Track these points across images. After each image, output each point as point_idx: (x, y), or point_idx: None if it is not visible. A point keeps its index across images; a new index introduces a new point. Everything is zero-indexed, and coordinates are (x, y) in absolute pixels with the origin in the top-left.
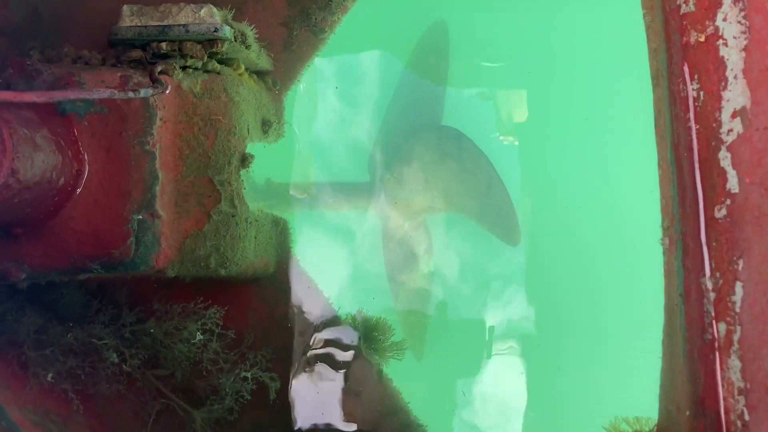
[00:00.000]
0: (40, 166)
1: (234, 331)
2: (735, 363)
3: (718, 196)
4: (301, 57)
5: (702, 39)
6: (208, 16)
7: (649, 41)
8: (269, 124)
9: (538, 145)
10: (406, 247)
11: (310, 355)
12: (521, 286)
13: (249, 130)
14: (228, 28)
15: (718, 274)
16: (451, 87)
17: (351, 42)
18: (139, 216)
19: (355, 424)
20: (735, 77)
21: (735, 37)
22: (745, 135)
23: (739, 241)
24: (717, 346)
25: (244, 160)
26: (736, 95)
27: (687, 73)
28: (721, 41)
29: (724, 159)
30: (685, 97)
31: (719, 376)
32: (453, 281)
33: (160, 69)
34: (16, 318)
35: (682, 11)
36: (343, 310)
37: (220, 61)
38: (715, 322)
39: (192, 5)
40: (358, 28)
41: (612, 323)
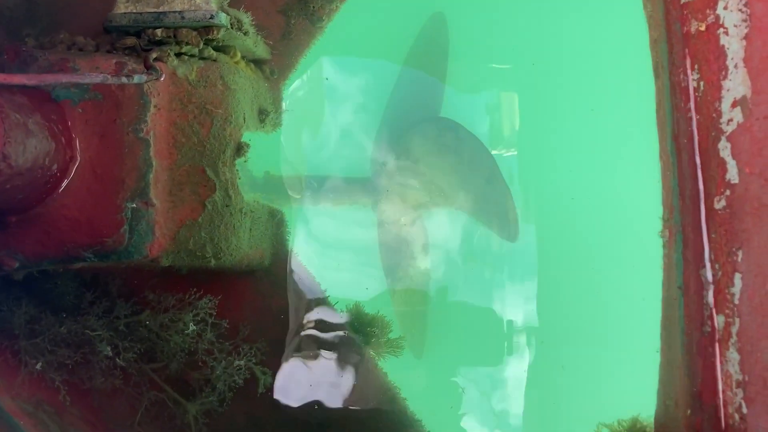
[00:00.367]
0: (33, 152)
1: (229, 322)
2: (733, 355)
3: (717, 186)
4: (299, 46)
5: (702, 28)
6: (204, 3)
7: (649, 32)
8: (266, 114)
9: (538, 138)
10: (402, 243)
11: (304, 346)
12: (521, 281)
13: (245, 118)
14: (224, 14)
15: (717, 265)
16: (450, 81)
17: (349, 32)
18: (133, 204)
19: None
20: (735, 66)
21: (736, 26)
22: (745, 125)
23: (738, 233)
24: (716, 338)
25: (240, 149)
26: (736, 84)
27: (688, 63)
28: (721, 30)
29: (724, 149)
30: (686, 87)
31: (718, 368)
32: (452, 277)
33: (154, 56)
34: (10, 308)
35: (682, 0)
36: (339, 304)
37: (217, 49)
38: (714, 315)
39: None
40: (356, 18)
41: (611, 317)
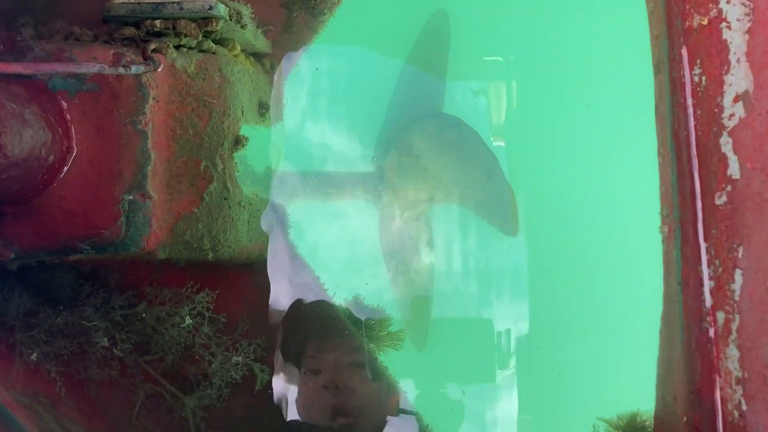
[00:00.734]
0: (29, 143)
1: (227, 316)
2: (733, 352)
3: (718, 182)
4: (300, 40)
5: (705, 22)
6: None
7: (651, 28)
8: (266, 107)
9: (535, 134)
10: (405, 239)
11: (303, 342)
12: (522, 278)
13: (244, 111)
14: (223, 6)
15: (717, 261)
16: (452, 76)
17: (350, 26)
18: (130, 196)
19: (347, 416)
20: (738, 61)
21: (738, 20)
22: (747, 120)
23: (739, 229)
24: (715, 335)
25: (238, 142)
26: (738, 79)
27: (688, 58)
28: (724, 24)
29: (725, 144)
30: (687, 83)
31: (717, 365)
32: (453, 273)
33: (153, 47)
34: (6, 299)
35: None
36: (339, 297)
37: (216, 41)
38: (713, 311)
39: None
40: (357, 12)
41: (610, 312)
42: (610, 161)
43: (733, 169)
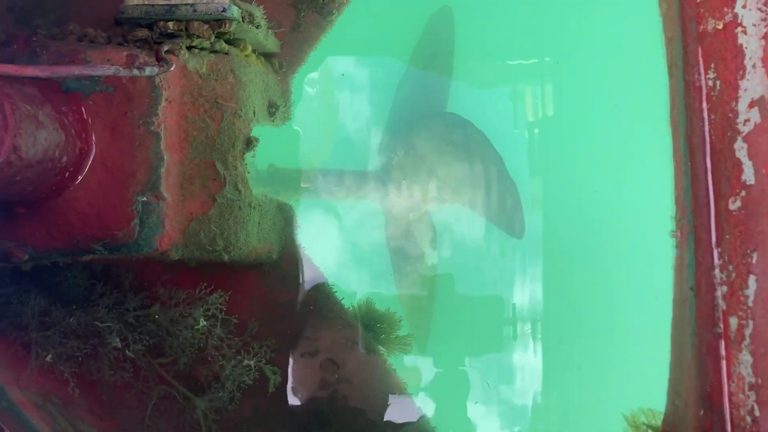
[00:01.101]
0: (43, 144)
1: (238, 317)
2: (746, 358)
3: (732, 187)
4: (308, 39)
5: (720, 27)
6: None
7: (664, 30)
8: (276, 107)
9: (551, 136)
10: (410, 238)
11: (312, 342)
12: (530, 279)
13: (255, 112)
14: (236, 8)
15: (731, 267)
16: (458, 75)
17: (357, 26)
18: (144, 198)
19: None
20: (753, 66)
21: (755, 25)
22: (763, 125)
23: (753, 234)
24: (728, 340)
25: (249, 143)
26: (754, 84)
27: (703, 62)
28: (739, 29)
29: (740, 150)
30: (701, 87)
31: (729, 370)
32: (458, 273)
33: (166, 49)
34: (21, 300)
35: None
36: (347, 298)
37: (227, 42)
38: (726, 316)
39: None
40: (364, 12)
41: (623, 315)
42: (624, 164)
43: (748, 175)
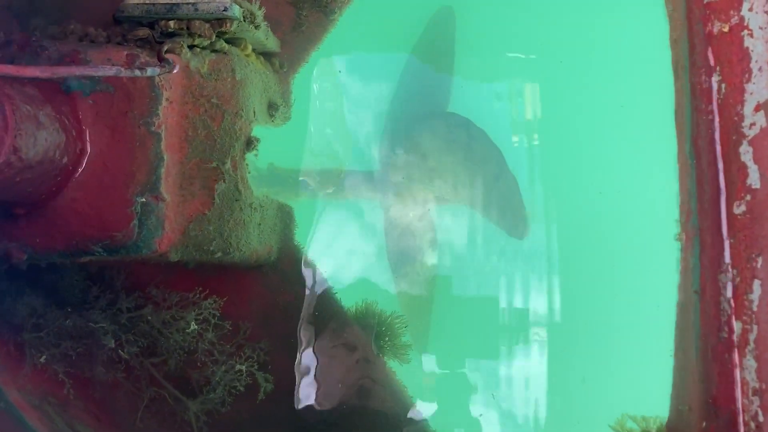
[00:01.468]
0: (43, 145)
1: (233, 321)
2: (751, 363)
3: (737, 191)
4: (310, 38)
5: (726, 29)
6: None
7: (670, 31)
8: (276, 107)
9: (555, 138)
10: (410, 237)
11: (313, 343)
12: (531, 280)
13: (255, 112)
14: (237, 7)
15: (735, 271)
16: (459, 72)
17: (358, 26)
18: (143, 199)
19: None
20: (760, 69)
21: (761, 28)
22: None
23: (758, 238)
24: (733, 345)
25: (250, 143)
26: (760, 88)
27: (709, 65)
28: (746, 32)
29: (746, 153)
30: (707, 89)
31: (734, 375)
32: (458, 273)
33: (167, 48)
34: (15, 300)
35: (705, 0)
36: (348, 299)
37: (228, 41)
38: (731, 321)
39: None
40: (365, 12)
41: (626, 319)
42: (629, 168)
43: (753, 179)
